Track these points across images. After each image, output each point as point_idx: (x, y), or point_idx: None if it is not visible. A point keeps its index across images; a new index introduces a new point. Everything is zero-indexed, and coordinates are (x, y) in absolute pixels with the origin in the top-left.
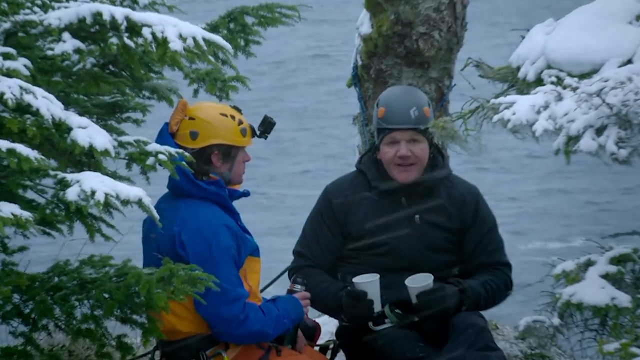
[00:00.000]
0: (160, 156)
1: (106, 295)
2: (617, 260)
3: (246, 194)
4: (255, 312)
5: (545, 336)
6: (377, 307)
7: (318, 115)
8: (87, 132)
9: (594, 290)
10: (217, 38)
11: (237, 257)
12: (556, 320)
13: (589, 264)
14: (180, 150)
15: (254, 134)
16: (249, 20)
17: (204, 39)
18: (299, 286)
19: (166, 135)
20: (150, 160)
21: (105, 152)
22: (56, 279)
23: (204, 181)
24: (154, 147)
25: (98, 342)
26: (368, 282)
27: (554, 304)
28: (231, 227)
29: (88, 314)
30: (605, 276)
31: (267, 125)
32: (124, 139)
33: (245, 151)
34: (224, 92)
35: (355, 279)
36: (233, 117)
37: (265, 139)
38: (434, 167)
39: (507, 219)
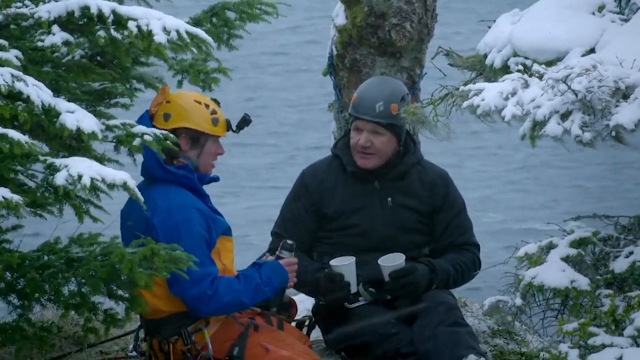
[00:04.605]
0: (146, 137)
1: (92, 273)
2: (578, 244)
3: (216, 179)
4: (226, 284)
5: (508, 315)
6: (354, 288)
7: None
8: (75, 116)
9: (554, 273)
10: (199, 31)
11: (208, 238)
12: (519, 301)
13: (551, 246)
14: (165, 132)
15: (229, 128)
16: (231, 15)
17: (187, 32)
18: (286, 252)
19: (145, 118)
20: (137, 142)
21: (92, 135)
22: (45, 257)
23: (173, 165)
24: (139, 129)
25: (86, 316)
26: (344, 265)
27: (517, 284)
28: (200, 209)
29: (75, 291)
30: (566, 259)
31: (242, 121)
32: (111, 122)
33: (218, 143)
34: (207, 83)
35: (332, 262)
36: (207, 106)
37: (237, 133)
38: (406, 153)
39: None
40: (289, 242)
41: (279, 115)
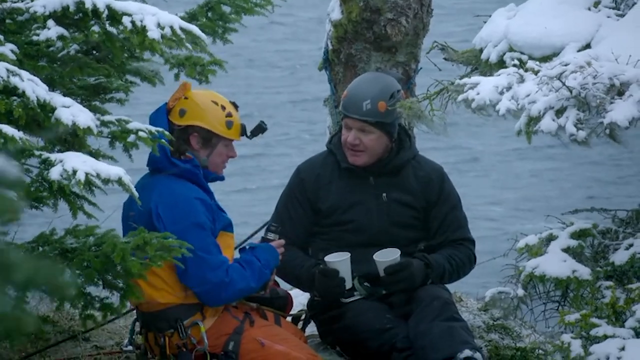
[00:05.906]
0: (141, 133)
1: (86, 264)
2: (578, 235)
3: (221, 177)
4: (237, 272)
5: (509, 306)
6: (349, 284)
7: None
8: (71, 111)
9: (556, 263)
10: (193, 28)
11: (213, 228)
12: (520, 292)
13: (551, 238)
14: (161, 129)
15: (243, 133)
16: (226, 9)
17: (181, 28)
18: (272, 234)
19: (162, 110)
20: (131, 138)
21: (88, 130)
22: (40, 248)
23: (180, 159)
24: (134, 125)
25: (82, 305)
26: (339, 261)
27: (518, 276)
28: (205, 200)
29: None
30: (567, 250)
31: (257, 128)
32: (106, 118)
33: (231, 146)
34: (204, 75)
35: (327, 258)
36: (223, 108)
37: (250, 139)
38: (401, 149)
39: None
40: (274, 224)
41: (290, 112)
